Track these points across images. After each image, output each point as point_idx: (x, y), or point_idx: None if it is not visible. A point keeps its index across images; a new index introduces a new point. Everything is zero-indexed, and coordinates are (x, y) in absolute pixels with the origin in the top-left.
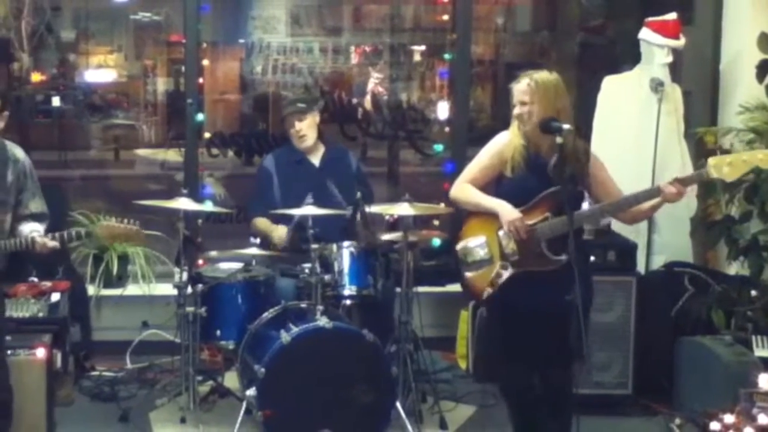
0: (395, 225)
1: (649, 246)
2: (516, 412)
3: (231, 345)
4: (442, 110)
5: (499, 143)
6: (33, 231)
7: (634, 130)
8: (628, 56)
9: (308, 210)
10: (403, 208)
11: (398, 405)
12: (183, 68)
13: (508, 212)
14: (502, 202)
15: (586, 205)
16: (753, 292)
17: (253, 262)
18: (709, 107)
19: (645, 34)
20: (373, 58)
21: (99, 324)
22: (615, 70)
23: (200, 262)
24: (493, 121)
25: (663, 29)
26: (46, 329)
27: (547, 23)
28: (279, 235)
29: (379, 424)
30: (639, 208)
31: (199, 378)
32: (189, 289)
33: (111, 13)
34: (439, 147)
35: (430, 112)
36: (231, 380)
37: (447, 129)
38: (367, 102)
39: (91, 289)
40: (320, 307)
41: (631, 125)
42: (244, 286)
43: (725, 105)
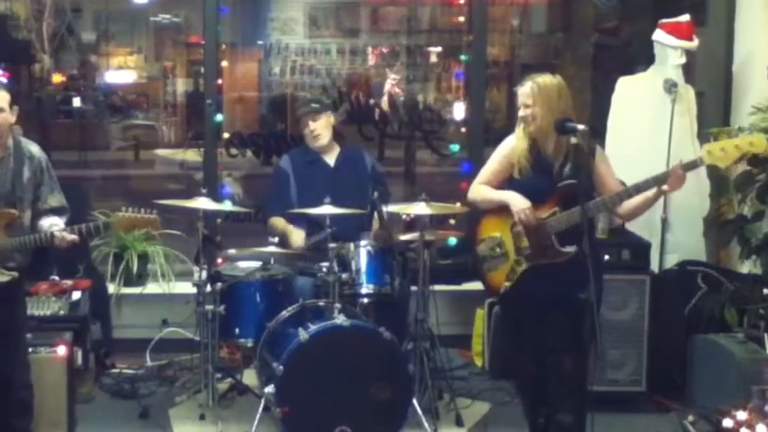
0: (412, 224)
1: (662, 245)
2: (531, 408)
3: (249, 343)
4: (458, 111)
5: (506, 147)
6: (53, 225)
7: (648, 130)
8: (642, 57)
9: (325, 209)
10: (420, 208)
11: (415, 402)
12: (202, 69)
13: (517, 201)
14: (511, 193)
15: None
16: (765, 291)
17: (272, 261)
18: (722, 108)
19: (659, 35)
20: (390, 60)
21: (119, 322)
22: (629, 71)
23: (219, 260)
24: (509, 121)
25: (676, 31)
26: (67, 327)
27: (562, 25)
28: (296, 240)
29: (395, 421)
30: (637, 200)
31: (218, 375)
32: (208, 288)
33: (131, 14)
34: (455, 147)
35: (446, 113)
36: (249, 377)
37: (463, 129)
38: (384, 103)
39: (111, 288)
40: (338, 306)
41: (645, 126)
42: (263, 284)
43: (737, 106)
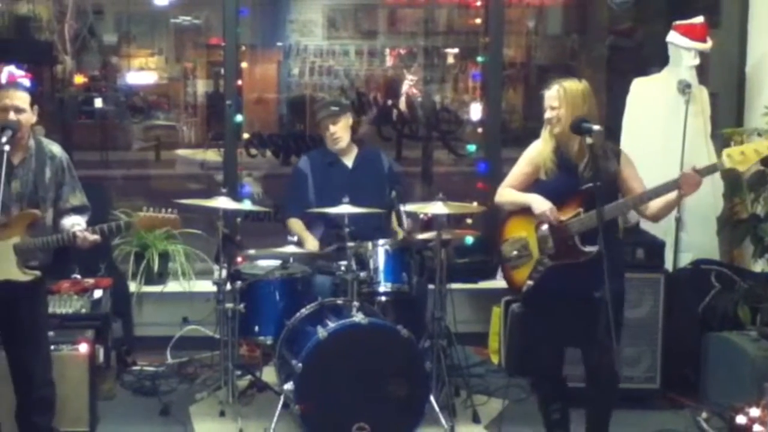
0: (429, 224)
1: (676, 244)
2: (546, 402)
3: (269, 340)
4: (475, 111)
5: (532, 152)
6: (74, 225)
7: (662, 130)
8: (657, 59)
9: (343, 209)
10: (437, 207)
11: (432, 399)
12: (222, 70)
13: (540, 203)
14: (535, 195)
15: None
16: None
17: (291, 260)
18: (735, 108)
19: (673, 37)
20: (407, 61)
21: (140, 320)
22: (644, 72)
23: (239, 259)
24: (525, 122)
25: (690, 32)
26: (88, 325)
27: (577, 26)
28: (309, 248)
29: (413, 418)
30: (659, 203)
31: (238, 373)
32: (228, 286)
33: (152, 16)
34: (472, 147)
35: (463, 114)
36: (269, 375)
37: (480, 130)
38: (402, 103)
39: (132, 286)
40: (356, 304)
41: (659, 126)
42: (282, 283)
43: (751, 106)
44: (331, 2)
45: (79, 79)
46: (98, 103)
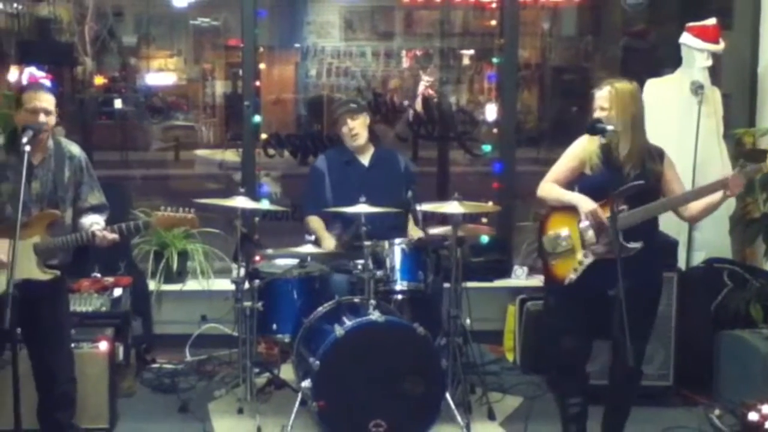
0: (445, 222)
1: (689, 243)
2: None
3: (287, 338)
4: (490, 112)
5: (578, 147)
6: (93, 224)
7: (675, 131)
8: (670, 60)
9: (360, 208)
10: (453, 207)
11: (448, 396)
12: (240, 71)
13: (586, 204)
14: (581, 195)
15: None
16: None
17: (308, 259)
18: (747, 109)
19: (686, 38)
20: (423, 62)
21: (159, 318)
22: (657, 73)
23: (257, 258)
24: (540, 122)
25: (703, 34)
26: (108, 323)
27: (591, 28)
28: (327, 246)
29: (429, 415)
30: (701, 204)
31: (256, 370)
32: (246, 285)
33: (171, 18)
34: (487, 147)
35: (478, 114)
36: (287, 372)
37: (495, 130)
38: (418, 104)
39: (152, 285)
40: (373, 302)
41: (672, 126)
42: (300, 281)
43: (763, 107)
44: (348, 4)
45: (99, 80)
46: (118, 103)
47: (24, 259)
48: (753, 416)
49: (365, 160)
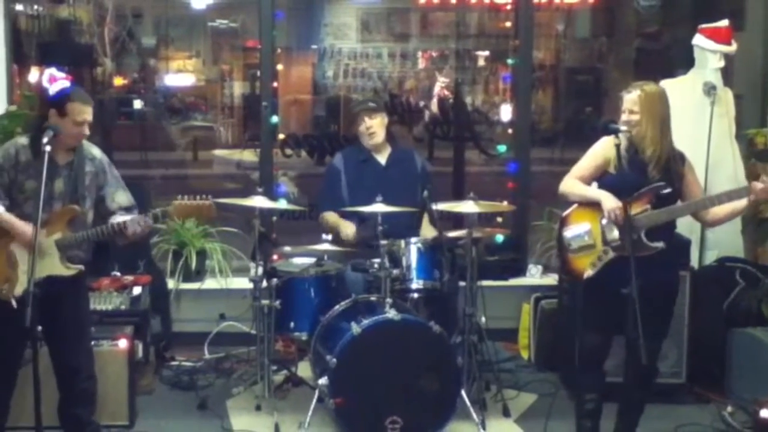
0: (460, 225)
1: (702, 242)
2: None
3: (304, 336)
4: (505, 113)
5: (603, 146)
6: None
7: (688, 131)
8: (683, 61)
9: (376, 207)
10: (468, 206)
11: (463, 393)
12: (258, 72)
13: (610, 201)
14: (605, 192)
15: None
16: None
17: (325, 257)
18: (759, 110)
19: (698, 40)
20: (439, 63)
21: (178, 316)
22: (670, 74)
23: (275, 257)
24: (554, 123)
25: (716, 35)
26: (128, 321)
27: (605, 30)
28: (346, 233)
29: (444, 412)
30: (726, 208)
31: (274, 368)
32: (264, 283)
33: (190, 20)
34: (502, 148)
35: (493, 115)
36: (304, 370)
37: (510, 131)
38: (434, 105)
39: (170, 283)
40: (389, 300)
41: (685, 127)
42: (317, 280)
43: None
44: (365, 6)
45: (118, 81)
46: (137, 104)
47: (47, 255)
48: (765, 413)
49: (382, 159)
